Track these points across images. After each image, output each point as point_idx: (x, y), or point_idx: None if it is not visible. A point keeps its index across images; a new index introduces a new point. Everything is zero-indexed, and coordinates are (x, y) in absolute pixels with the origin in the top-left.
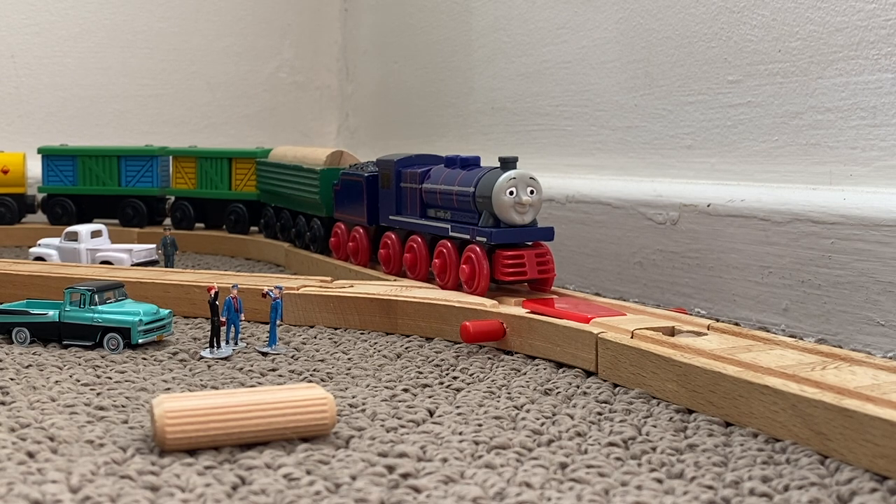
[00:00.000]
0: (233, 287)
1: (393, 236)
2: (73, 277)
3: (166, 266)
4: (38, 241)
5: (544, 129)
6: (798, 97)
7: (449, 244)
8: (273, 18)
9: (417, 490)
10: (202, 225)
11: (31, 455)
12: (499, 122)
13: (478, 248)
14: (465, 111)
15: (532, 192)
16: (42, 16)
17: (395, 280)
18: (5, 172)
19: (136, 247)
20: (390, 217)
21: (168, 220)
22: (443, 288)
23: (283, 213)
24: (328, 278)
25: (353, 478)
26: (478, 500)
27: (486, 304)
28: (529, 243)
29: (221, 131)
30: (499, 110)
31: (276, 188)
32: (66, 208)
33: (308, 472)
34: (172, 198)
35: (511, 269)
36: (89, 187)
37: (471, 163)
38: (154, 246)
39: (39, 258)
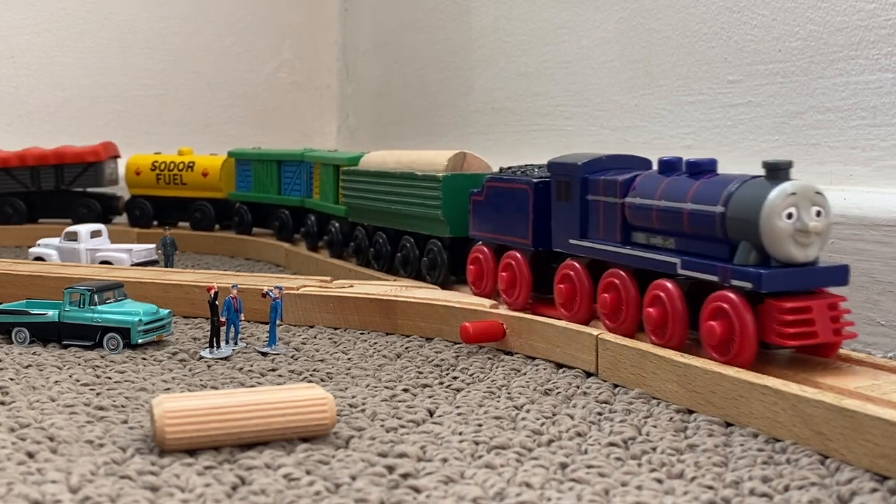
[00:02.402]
0: (233, 287)
1: (578, 268)
2: (72, 277)
3: (166, 266)
4: (38, 241)
5: (544, 129)
6: (798, 97)
7: (671, 287)
8: (273, 18)
9: (417, 490)
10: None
11: (30, 455)
12: (499, 122)
13: (733, 296)
14: (465, 111)
15: (819, 213)
16: (42, 16)
17: (394, 280)
18: (205, 175)
19: (135, 247)
20: (571, 241)
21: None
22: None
23: (380, 234)
24: (328, 278)
25: (353, 478)
26: (478, 500)
27: (486, 304)
28: (813, 290)
29: (221, 131)
30: (499, 110)
31: (370, 203)
32: (243, 217)
33: (308, 472)
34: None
35: (795, 329)
36: (260, 194)
37: (705, 168)
38: (154, 246)
39: (39, 258)
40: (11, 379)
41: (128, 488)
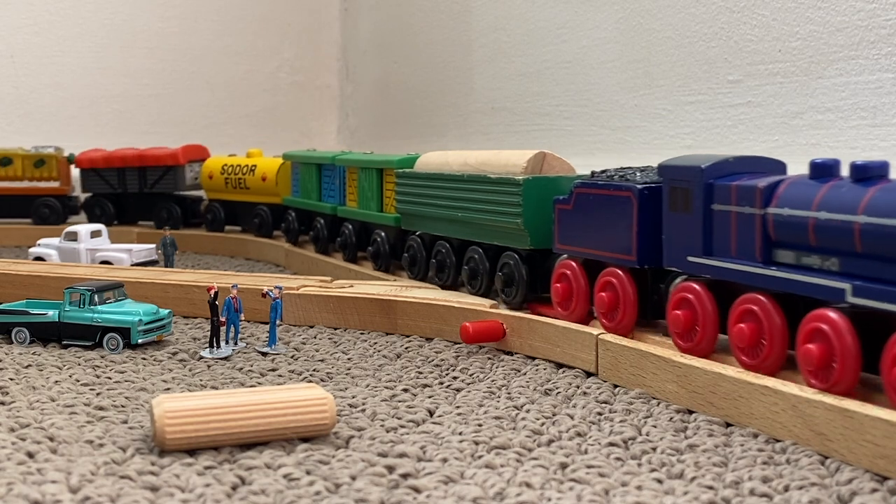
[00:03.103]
0: (233, 287)
1: (699, 290)
2: (72, 277)
3: (166, 266)
4: (38, 241)
5: (544, 129)
6: (798, 97)
7: (837, 319)
8: (273, 18)
9: (417, 490)
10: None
11: (30, 455)
12: (499, 122)
13: None
14: (465, 111)
15: None
16: (42, 16)
17: (394, 279)
18: (263, 180)
19: (135, 247)
20: (691, 259)
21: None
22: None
23: (442, 244)
24: (328, 278)
25: (353, 478)
26: (478, 500)
27: (486, 304)
28: None
29: (221, 131)
30: (499, 110)
31: (431, 209)
32: (290, 228)
33: (308, 472)
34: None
35: None
36: (305, 201)
37: (875, 173)
38: (154, 246)
39: (39, 258)
40: (11, 379)
41: (128, 488)
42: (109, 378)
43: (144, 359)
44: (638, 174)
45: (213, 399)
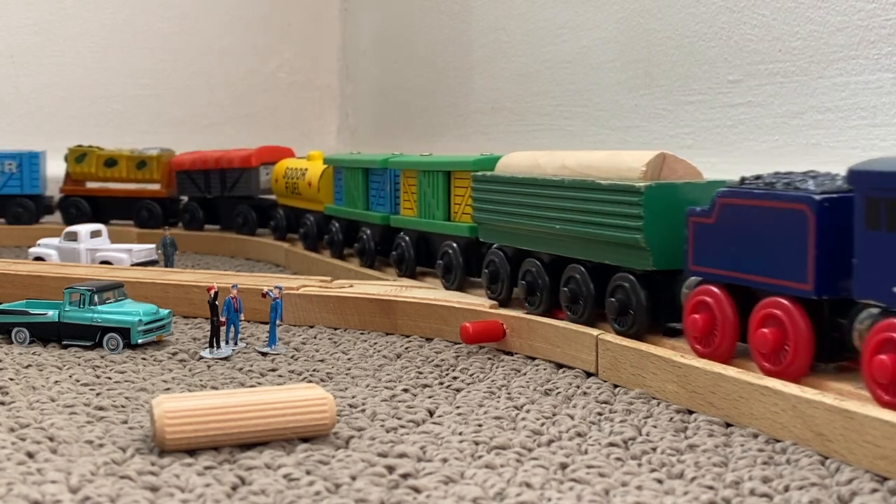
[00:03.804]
0: (233, 287)
1: None
2: (72, 277)
3: (166, 266)
4: (38, 241)
5: (544, 129)
6: (798, 97)
7: None
8: (273, 18)
9: (417, 490)
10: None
11: (30, 455)
12: (499, 122)
13: None
14: (465, 111)
15: None
16: (42, 16)
17: (394, 279)
18: (310, 186)
19: (135, 247)
20: None
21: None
22: None
23: (531, 261)
24: (328, 278)
25: (353, 478)
26: (478, 500)
27: (486, 304)
28: None
29: (221, 131)
30: (499, 110)
31: (518, 220)
32: (334, 240)
33: (308, 473)
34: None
35: None
36: (350, 209)
37: None
38: (154, 246)
39: (39, 258)
40: (11, 379)
41: (128, 488)
42: (109, 378)
43: (144, 359)
44: (810, 182)
45: (212, 399)
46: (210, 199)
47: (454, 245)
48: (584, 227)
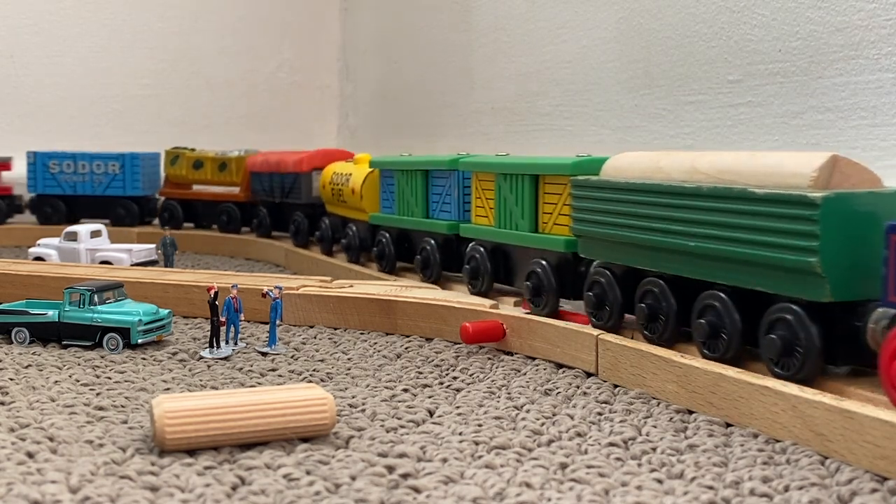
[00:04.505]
0: (233, 287)
1: None
2: (72, 277)
3: (166, 266)
4: (38, 241)
5: (544, 129)
6: (798, 97)
7: None
8: (273, 18)
9: (417, 490)
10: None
11: (30, 455)
12: (499, 122)
13: None
14: (465, 111)
15: None
16: (42, 16)
17: (394, 279)
18: (353, 193)
19: (135, 247)
20: None
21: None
22: None
23: (652, 283)
24: (328, 278)
25: (353, 478)
26: (478, 500)
27: (486, 304)
28: None
29: (221, 131)
30: (499, 110)
31: (635, 233)
32: (385, 252)
33: (308, 473)
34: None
35: None
36: (404, 218)
37: None
38: (154, 246)
39: (39, 258)
40: (11, 379)
41: (128, 488)
42: (109, 378)
43: (144, 359)
44: None
45: (212, 399)
46: (278, 204)
47: (544, 262)
48: (730, 246)
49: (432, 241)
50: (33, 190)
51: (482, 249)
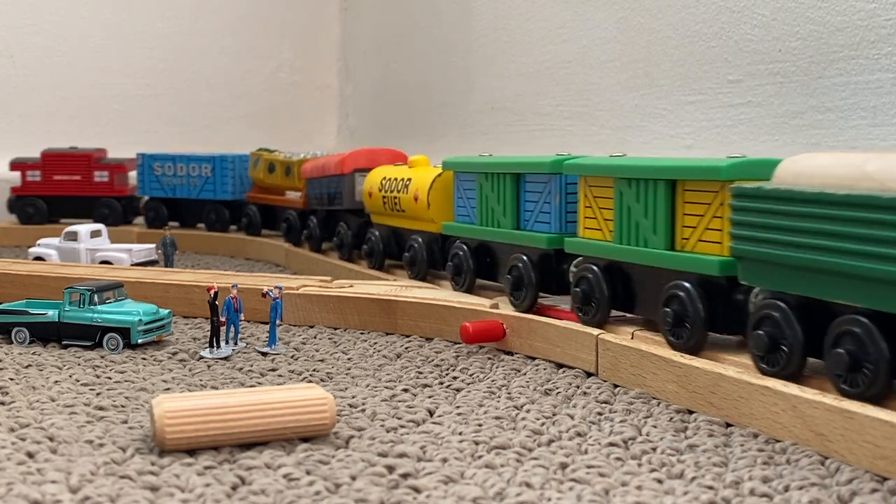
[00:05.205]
0: (233, 287)
1: None
2: (72, 277)
3: (166, 266)
4: (38, 241)
5: (544, 129)
6: (798, 97)
7: None
8: (273, 18)
9: (417, 490)
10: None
11: (30, 455)
12: (499, 122)
13: None
14: (465, 111)
15: None
16: (42, 16)
17: (395, 279)
18: (416, 200)
19: (135, 247)
20: None
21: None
22: None
23: (853, 320)
24: (328, 278)
25: (353, 478)
26: (478, 500)
27: (486, 304)
28: None
29: (221, 131)
30: (499, 110)
31: (836, 258)
32: (462, 268)
33: (308, 472)
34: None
35: None
36: (486, 228)
37: None
38: (154, 246)
39: (39, 258)
40: (11, 379)
41: (128, 488)
42: (109, 378)
43: (144, 359)
44: None
45: (212, 399)
46: (328, 213)
47: (688, 286)
48: None
49: (524, 257)
50: (142, 192)
51: (595, 268)
